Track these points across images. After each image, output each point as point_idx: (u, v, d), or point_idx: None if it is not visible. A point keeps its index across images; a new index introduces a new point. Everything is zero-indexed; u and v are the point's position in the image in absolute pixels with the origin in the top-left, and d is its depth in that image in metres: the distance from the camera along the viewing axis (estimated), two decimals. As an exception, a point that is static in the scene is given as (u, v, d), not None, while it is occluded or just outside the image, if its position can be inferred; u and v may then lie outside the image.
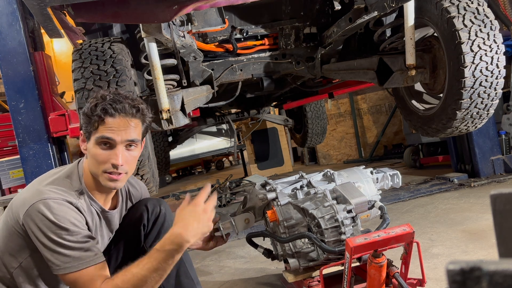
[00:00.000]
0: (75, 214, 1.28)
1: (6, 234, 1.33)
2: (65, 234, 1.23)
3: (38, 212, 1.23)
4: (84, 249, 1.26)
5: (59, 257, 1.24)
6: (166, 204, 1.66)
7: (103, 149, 1.31)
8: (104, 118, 1.29)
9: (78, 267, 1.25)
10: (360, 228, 1.66)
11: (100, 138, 1.30)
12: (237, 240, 3.08)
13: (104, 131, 1.29)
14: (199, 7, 1.65)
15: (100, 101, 1.30)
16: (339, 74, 2.74)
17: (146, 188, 1.76)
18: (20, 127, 3.19)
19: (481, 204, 3.02)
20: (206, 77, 2.64)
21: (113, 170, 1.32)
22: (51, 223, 1.22)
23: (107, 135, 1.29)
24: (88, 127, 1.32)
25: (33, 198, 1.26)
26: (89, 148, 1.34)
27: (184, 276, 1.62)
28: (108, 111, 1.29)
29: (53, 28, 1.66)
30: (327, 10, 2.62)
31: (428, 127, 2.48)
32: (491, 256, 2.06)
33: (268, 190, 1.87)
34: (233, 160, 11.47)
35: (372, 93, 6.98)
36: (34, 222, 1.23)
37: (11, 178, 4.06)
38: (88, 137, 1.34)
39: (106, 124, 1.29)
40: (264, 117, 4.88)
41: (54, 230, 1.23)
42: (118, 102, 1.30)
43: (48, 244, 1.23)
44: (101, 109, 1.28)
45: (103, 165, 1.32)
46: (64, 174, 1.39)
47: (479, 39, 1.99)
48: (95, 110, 1.29)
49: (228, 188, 5.37)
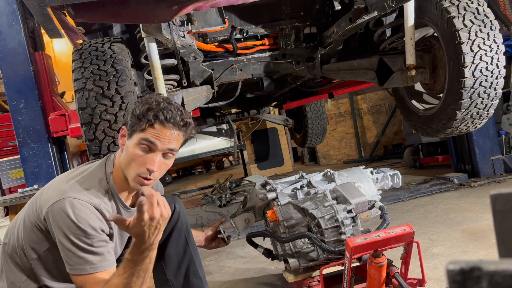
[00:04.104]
0: (95, 217, 1.29)
1: (28, 226, 1.36)
2: (82, 236, 1.25)
3: (61, 209, 1.25)
4: (98, 253, 1.27)
5: (72, 257, 1.26)
6: (181, 202, 1.68)
7: (143, 151, 1.33)
8: (153, 124, 1.32)
9: (88, 271, 1.26)
10: (360, 228, 1.66)
11: (144, 139, 1.33)
12: (237, 240, 3.08)
13: (150, 135, 1.32)
14: (199, 7, 1.65)
15: (154, 106, 1.33)
16: (339, 74, 2.74)
17: (162, 185, 1.78)
18: (20, 127, 3.20)
19: (481, 204, 3.02)
20: (206, 77, 2.64)
21: (147, 175, 1.34)
22: (71, 222, 1.24)
23: (152, 140, 1.32)
24: (135, 126, 1.35)
25: (58, 195, 1.28)
26: (128, 145, 1.36)
27: (193, 275, 1.64)
28: (159, 118, 1.32)
29: (53, 28, 1.66)
30: (327, 10, 2.62)
31: (428, 127, 2.48)
32: (491, 256, 2.06)
33: (268, 190, 1.87)
34: (233, 160, 11.47)
35: (372, 93, 6.98)
36: (55, 219, 1.26)
37: (11, 178, 4.05)
38: (130, 135, 1.36)
39: (153, 129, 1.32)
40: (264, 117, 4.88)
41: (72, 230, 1.25)
42: (170, 112, 1.34)
43: (65, 242, 1.26)
44: (153, 114, 1.32)
45: (138, 167, 1.34)
46: (91, 172, 1.40)
47: (479, 39, 1.99)
48: (147, 114, 1.32)
49: (228, 188, 5.38)
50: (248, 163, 7.54)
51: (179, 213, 1.63)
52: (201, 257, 2.83)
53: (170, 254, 1.62)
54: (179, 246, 1.63)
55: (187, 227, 1.66)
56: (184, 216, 1.66)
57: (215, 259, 2.82)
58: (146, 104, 1.35)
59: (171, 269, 1.62)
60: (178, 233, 1.63)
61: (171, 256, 1.62)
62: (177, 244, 1.63)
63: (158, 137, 1.33)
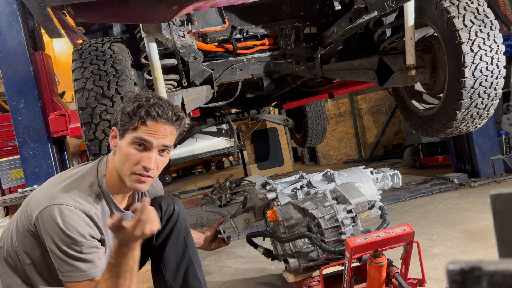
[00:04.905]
0: (84, 224, 1.28)
1: (21, 230, 1.34)
2: (71, 244, 1.24)
3: (50, 216, 1.24)
4: (87, 260, 1.27)
5: (63, 264, 1.25)
6: (180, 203, 1.66)
7: (137, 150, 1.31)
8: (145, 121, 1.30)
9: (78, 278, 1.26)
10: (360, 228, 1.66)
11: (137, 138, 1.30)
12: (237, 240, 3.08)
13: (142, 133, 1.30)
14: (199, 7, 1.65)
15: (144, 103, 1.31)
16: (339, 74, 2.74)
17: (161, 185, 1.77)
18: (20, 127, 3.19)
19: (481, 204, 3.02)
20: (206, 77, 2.64)
21: (143, 172, 1.32)
22: (59, 230, 1.23)
23: (146, 138, 1.30)
24: (126, 125, 1.32)
25: (47, 201, 1.26)
26: (121, 145, 1.34)
27: (192, 277, 1.62)
28: (151, 114, 1.30)
29: (53, 28, 1.66)
30: (327, 10, 2.62)
31: (428, 127, 2.48)
32: (491, 256, 2.06)
33: (268, 190, 1.87)
34: (233, 160, 11.47)
35: (372, 93, 6.98)
36: (45, 225, 1.25)
37: (11, 178, 4.06)
38: (122, 135, 1.34)
39: (146, 127, 1.30)
40: (264, 117, 4.88)
41: (61, 238, 1.23)
42: (162, 107, 1.32)
43: (55, 250, 1.25)
44: (145, 111, 1.29)
45: (133, 166, 1.32)
46: (82, 175, 1.38)
47: (479, 39, 1.99)
48: (137, 111, 1.30)
49: (228, 188, 5.38)
50: (248, 163, 7.54)
51: (178, 214, 1.62)
52: (201, 257, 2.83)
53: (168, 255, 1.61)
54: (178, 248, 1.61)
55: (186, 228, 1.65)
56: (183, 217, 1.64)
57: (215, 259, 2.82)
58: (136, 101, 1.32)
59: (169, 271, 1.61)
60: (177, 235, 1.61)
61: (170, 258, 1.61)
62: (176, 246, 1.61)
63: (152, 134, 1.31)
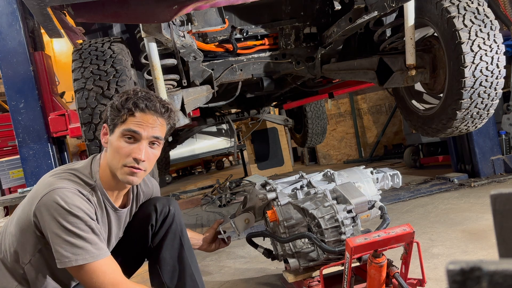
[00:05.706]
0: (86, 204, 1.28)
1: (19, 229, 1.33)
2: (78, 223, 1.22)
3: (52, 200, 1.22)
4: (93, 241, 1.25)
5: (70, 248, 1.22)
6: (176, 203, 1.65)
7: (127, 142, 1.32)
8: (134, 112, 1.31)
9: (87, 260, 1.23)
10: (360, 228, 1.66)
11: (126, 130, 1.31)
12: (237, 240, 3.08)
13: (131, 124, 1.31)
14: (199, 7, 1.65)
15: (132, 96, 1.32)
16: (339, 74, 2.74)
17: (158, 185, 1.76)
18: (20, 127, 3.20)
19: (481, 204, 3.02)
20: (206, 77, 2.64)
21: (134, 164, 1.32)
22: (64, 211, 1.21)
23: (134, 129, 1.31)
24: (116, 119, 1.33)
25: (45, 189, 1.25)
26: (111, 140, 1.35)
27: (189, 278, 1.61)
28: (139, 106, 1.31)
29: (53, 28, 1.66)
30: (327, 10, 2.62)
31: (428, 127, 2.48)
32: (491, 256, 2.06)
33: (268, 190, 1.87)
34: (233, 160, 11.47)
35: (372, 93, 6.98)
36: (47, 210, 1.22)
37: (11, 178, 4.06)
38: (112, 130, 1.34)
39: (135, 118, 1.31)
40: (264, 117, 4.88)
41: (67, 218, 1.21)
42: (150, 100, 1.33)
43: (60, 233, 1.21)
44: (132, 103, 1.31)
45: (124, 158, 1.32)
46: (76, 170, 1.38)
47: (479, 39, 1.99)
48: (126, 104, 1.31)
49: (228, 188, 5.38)
50: (248, 163, 7.54)
51: (173, 215, 1.61)
52: (201, 257, 2.84)
53: (165, 257, 1.60)
54: (174, 249, 1.61)
55: (182, 229, 1.63)
56: (179, 219, 1.63)
57: (215, 259, 2.82)
58: (124, 95, 1.34)
59: (166, 272, 1.60)
60: (172, 236, 1.60)
61: (166, 259, 1.60)
62: (171, 247, 1.60)
63: (140, 125, 1.31)
